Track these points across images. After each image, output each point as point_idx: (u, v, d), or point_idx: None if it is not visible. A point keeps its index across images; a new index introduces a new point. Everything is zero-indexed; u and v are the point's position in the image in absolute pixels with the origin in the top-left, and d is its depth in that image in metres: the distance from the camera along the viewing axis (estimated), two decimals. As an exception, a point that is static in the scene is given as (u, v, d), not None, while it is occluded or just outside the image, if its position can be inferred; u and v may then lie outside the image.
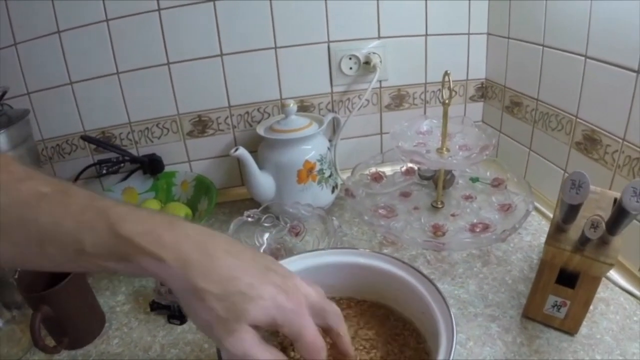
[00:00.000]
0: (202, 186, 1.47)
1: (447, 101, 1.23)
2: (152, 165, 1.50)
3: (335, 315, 0.70)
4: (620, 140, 1.14)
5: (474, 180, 1.48)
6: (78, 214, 0.59)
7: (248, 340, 0.60)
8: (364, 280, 0.92)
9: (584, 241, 0.89)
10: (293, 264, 0.90)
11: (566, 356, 0.96)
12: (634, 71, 1.07)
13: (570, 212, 0.88)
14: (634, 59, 1.06)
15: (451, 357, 0.67)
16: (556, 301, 0.99)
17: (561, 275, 0.98)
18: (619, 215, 0.81)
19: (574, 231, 0.92)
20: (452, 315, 0.74)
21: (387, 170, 1.55)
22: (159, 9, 1.37)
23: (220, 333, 0.60)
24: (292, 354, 0.77)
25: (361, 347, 0.81)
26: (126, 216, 0.60)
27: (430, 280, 0.83)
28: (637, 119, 1.09)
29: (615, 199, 0.83)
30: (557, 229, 0.95)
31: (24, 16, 1.32)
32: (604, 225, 0.83)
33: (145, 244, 0.59)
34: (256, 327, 0.61)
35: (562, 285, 0.98)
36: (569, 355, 0.96)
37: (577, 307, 0.98)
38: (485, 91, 1.73)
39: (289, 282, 0.65)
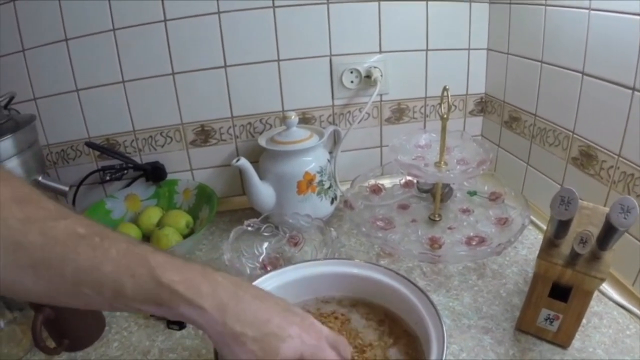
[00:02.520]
0: (203, 194, 1.48)
1: (445, 116, 1.24)
2: (154, 173, 1.51)
3: (347, 346, 0.75)
4: (616, 157, 1.15)
5: (472, 193, 1.50)
6: (118, 259, 0.61)
7: None
8: (359, 290, 0.95)
9: (575, 256, 0.90)
10: (292, 272, 0.94)
11: None
12: (629, 88, 1.08)
13: (560, 227, 0.89)
14: (629, 77, 1.08)
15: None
16: (549, 314, 1.00)
17: (554, 289, 0.99)
18: (608, 231, 0.83)
19: (566, 246, 0.94)
20: (444, 328, 0.76)
21: (386, 182, 1.56)
22: (165, 20, 1.38)
23: None
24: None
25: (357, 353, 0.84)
26: (165, 264, 0.63)
27: (423, 292, 0.85)
28: (632, 136, 1.11)
29: (607, 215, 0.84)
30: (550, 244, 0.97)
31: (33, 23, 1.34)
32: (593, 240, 0.84)
33: (186, 293, 0.62)
34: None
35: (555, 299, 0.99)
36: None
37: (569, 321, 0.99)
38: (484, 106, 1.74)
39: (307, 321, 0.72)
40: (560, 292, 0.99)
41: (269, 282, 0.91)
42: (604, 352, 1.00)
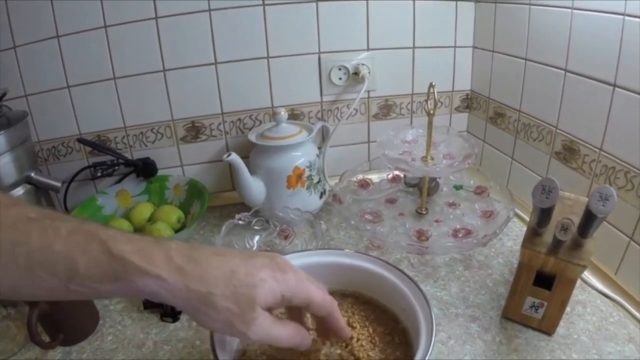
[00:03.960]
0: (194, 190, 1.49)
1: (432, 112, 1.26)
2: (145, 169, 1.52)
3: (320, 283, 0.74)
4: (598, 150, 1.18)
5: (458, 188, 1.52)
6: (68, 236, 0.60)
7: (267, 323, 0.64)
8: (349, 280, 0.96)
9: (557, 244, 0.93)
10: (301, 258, 0.95)
11: (544, 355, 0.99)
12: (610, 84, 1.11)
13: (542, 216, 0.92)
14: (610, 74, 1.11)
15: (430, 348, 0.71)
16: (534, 302, 1.03)
17: (538, 277, 1.01)
18: (588, 219, 0.86)
19: (548, 235, 0.96)
20: (432, 312, 0.78)
21: (374, 177, 1.59)
22: (156, 17, 1.39)
23: (241, 326, 0.62)
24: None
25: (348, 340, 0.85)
26: (116, 236, 0.61)
27: (411, 279, 0.87)
28: (613, 130, 1.14)
29: (587, 203, 0.87)
30: (533, 233, 0.99)
31: (24, 20, 1.34)
32: (573, 227, 0.87)
33: (140, 263, 0.60)
34: (269, 310, 0.65)
35: (539, 287, 1.01)
36: (547, 354, 0.99)
37: (554, 308, 1.01)
38: (470, 102, 1.77)
39: (277, 259, 0.69)
40: (545, 281, 1.01)
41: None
42: (588, 339, 1.03)
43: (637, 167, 1.08)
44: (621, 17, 1.06)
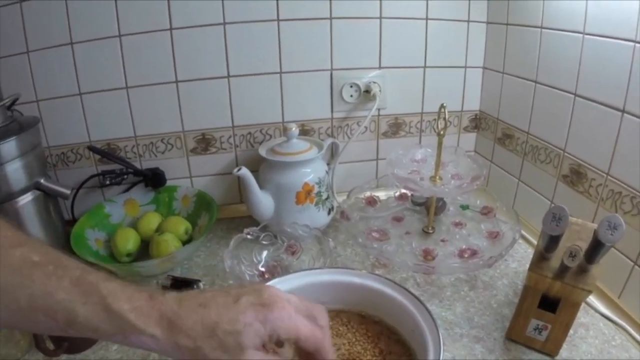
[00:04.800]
0: (202, 202, 1.50)
1: (441, 132, 1.27)
2: (154, 179, 1.52)
3: (323, 312, 0.74)
4: (605, 175, 1.19)
5: (465, 207, 1.53)
6: (70, 287, 0.62)
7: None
8: (358, 299, 0.97)
9: (564, 269, 0.94)
10: (291, 281, 0.95)
11: None
12: (619, 110, 1.12)
13: (551, 242, 0.93)
14: (620, 99, 1.12)
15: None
16: (538, 325, 1.03)
17: (543, 300, 1.02)
18: (596, 247, 0.87)
19: (556, 260, 0.97)
20: (440, 334, 0.79)
21: (382, 195, 1.60)
22: (170, 29, 1.41)
23: None
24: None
25: None
26: (117, 292, 0.64)
27: (420, 301, 0.87)
28: (621, 155, 1.15)
29: (595, 231, 0.88)
30: (540, 257, 1.00)
31: (39, 25, 1.35)
32: (581, 254, 0.88)
33: (137, 322, 0.63)
34: (264, 346, 0.66)
35: (544, 309, 1.02)
36: None
37: (557, 331, 1.02)
38: (478, 122, 1.78)
39: (265, 294, 0.69)
40: (549, 304, 1.01)
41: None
42: None
43: None
44: (632, 43, 1.07)
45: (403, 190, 1.58)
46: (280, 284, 0.93)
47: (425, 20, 1.57)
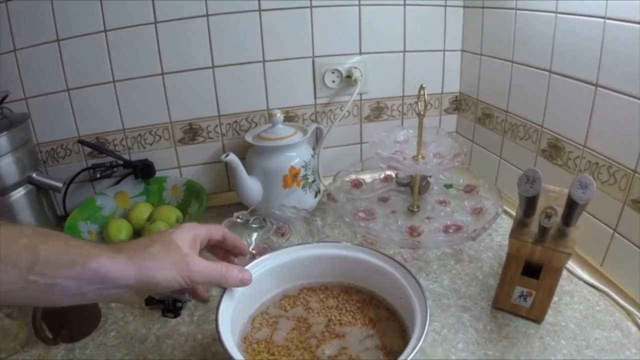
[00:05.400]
0: (192, 191, 1.52)
1: (422, 112, 1.30)
2: (144, 170, 1.54)
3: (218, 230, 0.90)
4: (582, 147, 1.23)
5: (448, 186, 1.56)
6: (33, 234, 0.68)
7: (199, 260, 0.80)
8: (345, 271, 1.01)
9: (543, 233, 0.97)
10: (280, 257, 0.99)
11: (533, 342, 1.03)
12: (593, 84, 1.16)
13: (527, 205, 0.97)
14: (593, 74, 1.16)
15: (425, 329, 0.76)
16: (522, 291, 1.06)
17: (526, 267, 1.05)
18: (570, 206, 0.91)
19: (535, 225, 1.00)
20: (426, 297, 0.83)
21: (367, 177, 1.62)
22: (155, 22, 1.42)
23: (182, 264, 0.76)
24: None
25: (345, 331, 0.90)
26: (78, 238, 0.76)
27: (405, 267, 0.92)
28: (596, 128, 1.19)
29: (568, 191, 0.92)
30: (520, 224, 1.04)
31: (25, 23, 1.36)
32: (557, 215, 0.91)
33: (94, 249, 0.71)
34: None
35: (527, 276, 1.05)
36: (536, 341, 1.03)
37: (542, 297, 1.05)
38: (459, 104, 1.81)
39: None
40: (532, 270, 1.05)
41: (253, 269, 0.94)
42: (576, 326, 1.07)
43: (619, 162, 1.13)
44: (602, 20, 1.11)
45: (388, 172, 1.61)
46: (270, 260, 0.98)
47: (403, 5, 1.60)
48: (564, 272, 1.23)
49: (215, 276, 0.82)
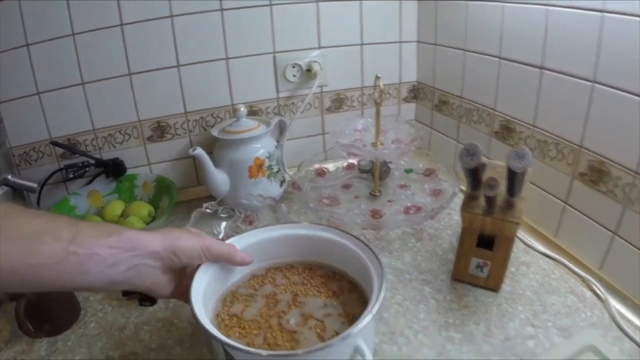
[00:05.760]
0: (162, 186, 1.55)
1: (378, 100, 1.36)
2: (115, 169, 1.57)
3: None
4: (531, 127, 1.31)
5: (409, 171, 1.62)
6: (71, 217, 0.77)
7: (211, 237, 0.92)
8: (307, 250, 1.06)
9: (490, 204, 1.03)
10: (246, 239, 1.04)
11: (491, 309, 1.09)
12: (538, 67, 1.24)
13: (472, 178, 1.03)
14: (538, 57, 1.23)
15: (382, 293, 0.82)
16: (478, 262, 1.13)
17: (480, 239, 1.12)
18: (511, 177, 0.97)
19: (483, 199, 1.06)
20: (381, 263, 0.89)
21: (330, 166, 1.68)
22: (121, 24, 1.45)
23: (202, 237, 0.90)
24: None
25: (310, 302, 0.96)
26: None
27: (360, 240, 0.98)
28: (543, 108, 1.27)
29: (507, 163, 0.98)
30: (470, 198, 1.10)
31: None
32: (498, 185, 0.97)
33: (125, 227, 0.82)
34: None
35: (482, 248, 1.12)
36: (494, 308, 1.10)
37: (497, 266, 1.12)
38: (416, 92, 1.88)
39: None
40: (486, 242, 1.11)
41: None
42: (532, 293, 1.14)
43: (566, 139, 1.20)
44: (545, 7, 1.19)
45: (350, 160, 1.67)
46: (237, 243, 1.01)
47: (359, 1, 1.67)
48: (521, 245, 1.31)
49: (225, 253, 0.93)
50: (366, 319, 0.78)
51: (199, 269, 0.91)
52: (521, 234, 1.36)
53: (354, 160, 1.67)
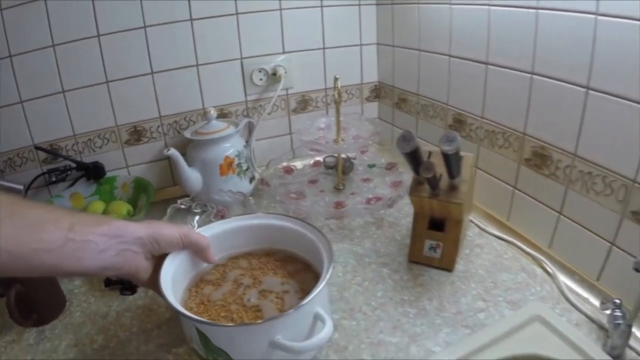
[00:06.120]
0: (140, 186, 1.62)
1: (337, 100, 1.46)
2: (95, 172, 1.63)
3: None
4: (480, 119, 1.41)
5: (371, 166, 1.72)
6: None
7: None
8: (264, 237, 1.15)
9: (433, 186, 1.13)
10: (207, 231, 1.11)
11: (445, 286, 1.18)
12: (483, 63, 1.34)
13: (411, 162, 1.11)
14: (483, 54, 1.34)
15: (332, 265, 0.92)
16: (431, 244, 1.22)
17: (432, 222, 1.21)
18: (445, 160, 1.05)
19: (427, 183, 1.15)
20: (329, 242, 0.99)
21: (298, 164, 1.78)
22: (98, 35, 1.53)
23: (179, 229, 0.97)
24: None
25: (269, 281, 1.05)
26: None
27: (311, 225, 1.08)
28: (490, 101, 1.37)
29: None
30: (416, 183, 1.19)
31: None
32: (434, 167, 1.06)
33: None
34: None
35: (434, 230, 1.21)
36: (448, 286, 1.18)
37: (449, 247, 1.22)
38: (378, 92, 1.99)
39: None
40: (438, 225, 1.21)
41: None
42: (485, 272, 1.23)
43: (512, 128, 1.31)
44: (487, 7, 1.29)
45: (317, 158, 1.77)
46: (204, 231, 1.09)
47: (320, 7, 1.77)
48: (476, 229, 1.41)
49: (201, 242, 1.01)
50: (320, 286, 0.87)
51: (165, 259, 0.97)
52: (476, 219, 1.45)
53: (320, 158, 1.76)
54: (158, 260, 0.97)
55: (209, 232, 1.10)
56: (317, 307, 0.90)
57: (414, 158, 1.09)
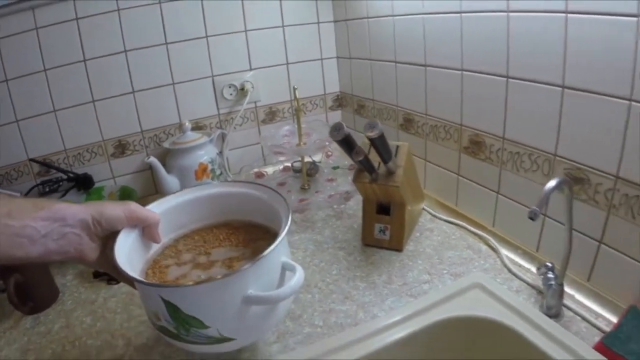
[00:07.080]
0: (125, 193, 1.72)
1: (297, 108, 1.61)
2: (85, 183, 1.75)
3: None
4: (424, 116, 1.53)
5: (335, 167, 1.87)
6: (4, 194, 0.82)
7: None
8: (221, 209, 1.11)
9: (370, 171, 1.24)
10: (164, 204, 1.07)
11: (394, 264, 1.28)
12: (422, 66, 1.48)
13: (345, 149, 1.18)
14: (421, 58, 1.48)
15: (287, 227, 0.90)
16: (380, 227, 1.32)
17: (380, 207, 1.32)
18: (372, 144, 1.17)
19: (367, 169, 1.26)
20: (287, 202, 0.98)
21: (269, 170, 1.93)
22: (84, 60, 1.68)
23: (124, 206, 0.92)
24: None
25: (222, 252, 1.03)
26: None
27: (270, 188, 1.06)
28: (431, 99, 1.49)
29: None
30: (358, 171, 1.31)
31: None
32: (362, 150, 1.16)
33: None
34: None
35: (382, 214, 1.32)
36: (397, 263, 1.28)
37: (396, 229, 1.32)
38: (340, 101, 2.13)
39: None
40: (384, 209, 1.32)
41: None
42: (433, 250, 1.32)
43: (450, 120, 1.43)
44: (421, 16, 1.43)
45: (286, 164, 1.91)
46: (156, 207, 1.05)
47: (282, 27, 1.93)
48: (428, 216, 1.51)
49: (150, 218, 0.96)
50: (282, 234, 0.87)
51: (118, 236, 0.91)
52: (429, 207, 1.55)
53: (288, 164, 1.90)
54: (107, 240, 0.91)
55: (162, 207, 1.06)
56: (282, 257, 0.90)
57: (347, 146, 1.16)
